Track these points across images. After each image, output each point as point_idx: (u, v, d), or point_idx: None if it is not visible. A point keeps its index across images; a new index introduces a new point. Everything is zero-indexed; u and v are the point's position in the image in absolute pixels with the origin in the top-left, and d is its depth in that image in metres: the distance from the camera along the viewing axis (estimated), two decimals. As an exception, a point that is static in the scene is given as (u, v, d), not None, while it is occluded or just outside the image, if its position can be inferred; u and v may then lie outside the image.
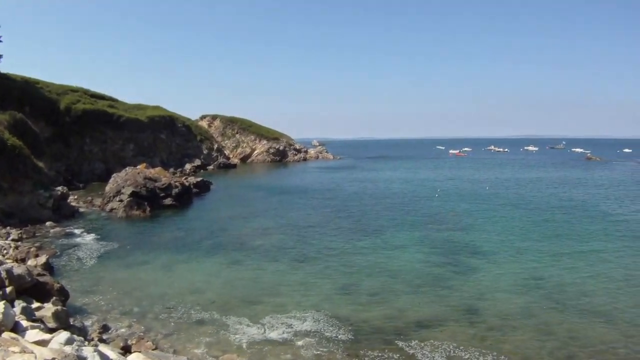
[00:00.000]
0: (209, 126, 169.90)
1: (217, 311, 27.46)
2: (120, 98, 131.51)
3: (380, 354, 22.61)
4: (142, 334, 24.52)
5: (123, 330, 25.04)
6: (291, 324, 25.47)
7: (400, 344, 23.55)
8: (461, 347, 23.11)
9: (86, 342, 19.45)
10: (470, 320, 26.50)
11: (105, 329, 24.61)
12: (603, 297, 30.37)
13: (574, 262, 37.97)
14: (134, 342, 22.67)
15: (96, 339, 22.42)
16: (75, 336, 18.58)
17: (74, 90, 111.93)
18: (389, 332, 24.88)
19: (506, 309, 28.32)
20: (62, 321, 22.13)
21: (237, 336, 24.38)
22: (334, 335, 24.33)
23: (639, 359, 22.41)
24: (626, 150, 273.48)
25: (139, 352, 20.84)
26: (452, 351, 22.82)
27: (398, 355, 22.56)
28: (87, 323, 25.19)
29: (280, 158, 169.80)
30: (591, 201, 70.34)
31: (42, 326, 20.33)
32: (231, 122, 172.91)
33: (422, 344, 23.46)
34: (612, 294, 30.90)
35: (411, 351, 22.92)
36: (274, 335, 24.44)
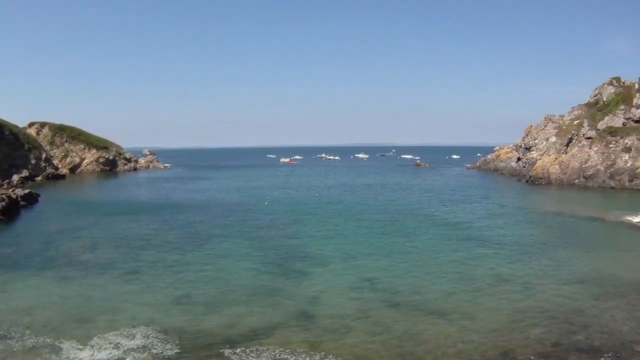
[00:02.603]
0: (38, 134, 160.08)
1: (50, 335, 25.96)
2: None
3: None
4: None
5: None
6: (119, 343, 24.69)
7: (227, 352, 23.37)
8: (289, 352, 23.31)
9: None
10: (303, 325, 26.87)
11: None
12: (436, 294, 32.29)
13: (406, 263, 40.26)
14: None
15: None
16: None
17: None
18: (221, 341, 24.65)
19: (340, 311, 29.05)
20: None
21: (68, 363, 23.18)
22: (161, 350, 23.75)
23: (474, 350, 23.80)
24: (454, 156, 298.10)
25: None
26: (280, 356, 22.96)
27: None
28: None
29: (110, 168, 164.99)
30: (420, 205, 76.17)
31: None
32: (60, 130, 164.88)
33: (248, 352, 23.38)
34: (445, 290, 32.99)
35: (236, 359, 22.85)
36: (102, 356, 23.45)
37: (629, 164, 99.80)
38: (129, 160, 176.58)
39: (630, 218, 59.47)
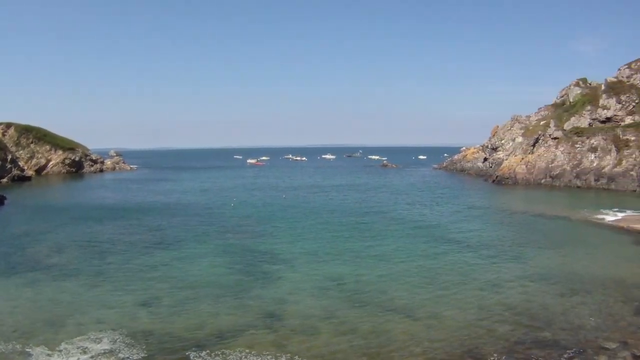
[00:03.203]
0: (3, 135, 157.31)
1: (20, 340, 25.62)
2: None
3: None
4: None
5: None
6: (87, 347, 24.54)
7: (192, 355, 23.23)
8: (255, 354, 23.26)
9: None
10: (270, 326, 26.88)
11: None
12: (403, 293, 32.47)
13: (373, 263, 40.55)
14: None
15: None
16: None
17: None
18: (188, 344, 24.57)
19: (307, 312, 29.14)
20: None
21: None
22: (128, 355, 23.63)
23: (441, 348, 23.94)
24: (421, 157, 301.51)
25: None
26: (247, 358, 22.90)
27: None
28: None
29: (76, 169, 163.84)
30: (386, 206, 76.77)
31: None
32: (26, 131, 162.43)
33: (214, 355, 23.24)
34: (410, 289, 33.24)
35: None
36: (69, 362, 23.30)
37: (594, 164, 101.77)
38: (95, 162, 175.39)
39: (598, 217, 60.68)
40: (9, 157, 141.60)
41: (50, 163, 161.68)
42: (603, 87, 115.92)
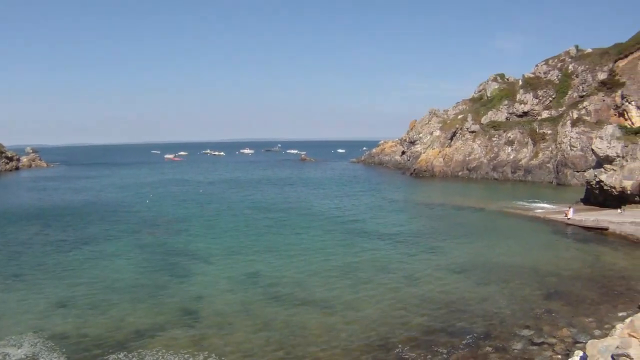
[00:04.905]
0: None
1: None
2: None
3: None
4: None
5: None
6: (7, 353, 23.82)
7: (112, 358, 22.83)
8: (172, 352, 23.09)
9: None
10: (187, 324, 26.76)
11: None
12: (320, 287, 32.66)
13: (290, 257, 40.70)
14: None
15: None
16: None
17: None
18: (107, 345, 24.19)
19: (224, 308, 29.12)
20: None
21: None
22: (49, 358, 23.05)
23: (358, 340, 24.08)
24: (340, 150, 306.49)
25: None
26: (164, 357, 22.70)
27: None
28: None
29: None
30: (304, 199, 77.36)
31: None
32: None
33: (132, 355, 22.97)
34: (327, 283, 33.42)
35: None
36: (-11, 368, 22.55)
37: (511, 157, 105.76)
38: (10, 159, 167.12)
39: (515, 207, 62.62)
40: None
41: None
42: (520, 83, 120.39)
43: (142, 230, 53.24)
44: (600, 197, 61.20)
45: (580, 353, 17.72)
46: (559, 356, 21.76)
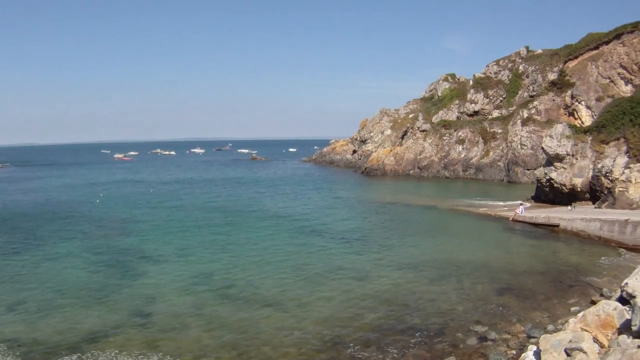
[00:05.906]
0: None
1: None
2: None
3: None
4: None
5: None
6: None
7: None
8: (126, 354, 22.76)
9: None
10: (141, 325, 26.35)
11: None
12: (272, 286, 32.44)
13: (242, 257, 40.37)
14: None
15: None
16: None
17: None
18: (59, 348, 23.71)
19: (177, 309, 28.75)
20: None
21: None
22: None
23: (311, 338, 23.98)
24: (291, 149, 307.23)
25: None
26: (118, 358, 22.37)
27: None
28: None
29: None
30: (256, 199, 77.02)
31: None
32: None
33: (85, 358, 22.55)
34: (280, 282, 33.22)
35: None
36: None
37: (462, 155, 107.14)
38: None
39: (466, 205, 62.98)
40: None
41: None
42: (471, 83, 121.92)
43: (93, 231, 52.09)
44: (551, 194, 62.45)
45: (534, 348, 17.62)
46: (513, 351, 21.93)
